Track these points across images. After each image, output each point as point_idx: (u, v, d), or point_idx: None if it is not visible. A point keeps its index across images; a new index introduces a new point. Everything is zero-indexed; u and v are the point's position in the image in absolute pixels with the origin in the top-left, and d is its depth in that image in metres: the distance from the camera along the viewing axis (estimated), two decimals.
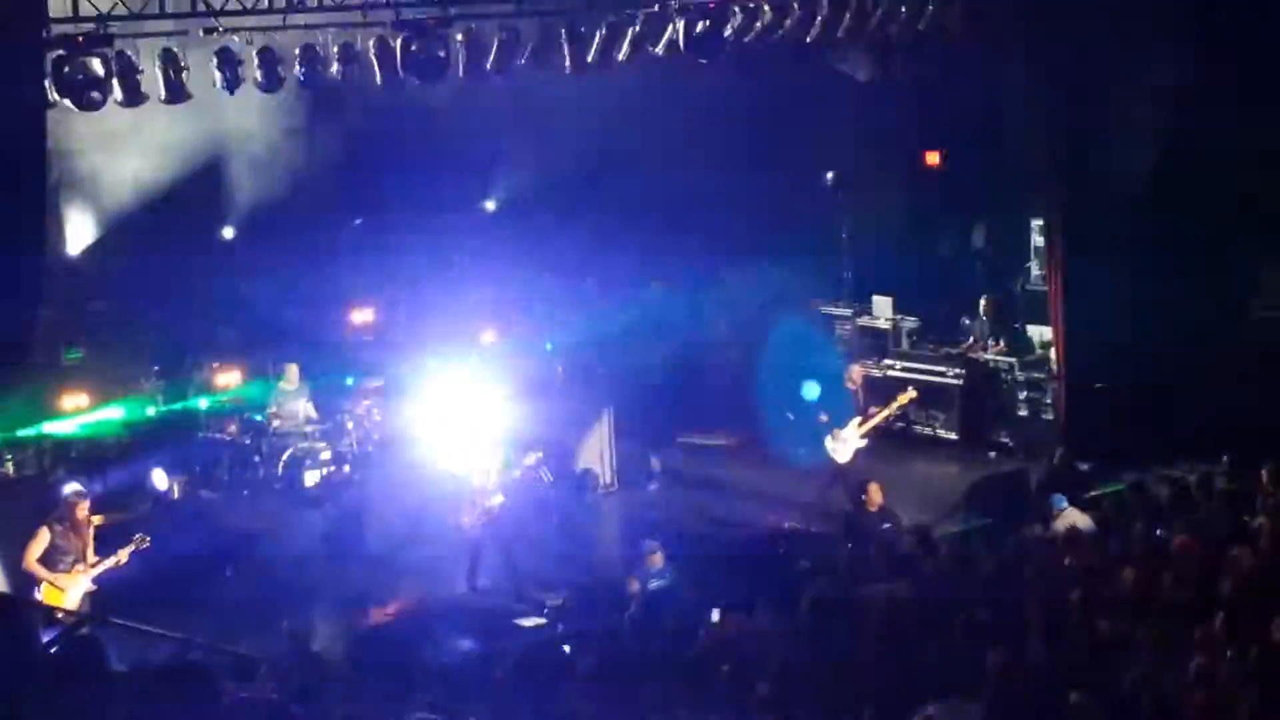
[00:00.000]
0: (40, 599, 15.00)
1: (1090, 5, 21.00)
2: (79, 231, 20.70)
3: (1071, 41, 21.19)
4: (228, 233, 22.67)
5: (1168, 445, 19.91)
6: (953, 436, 22.85)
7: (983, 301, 24.31)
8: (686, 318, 26.28)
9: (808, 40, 20.24)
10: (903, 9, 20.48)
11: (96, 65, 15.62)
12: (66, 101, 15.57)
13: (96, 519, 15.96)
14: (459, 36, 17.76)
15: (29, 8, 14.76)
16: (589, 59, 18.61)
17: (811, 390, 20.43)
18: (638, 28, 18.82)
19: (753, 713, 12.24)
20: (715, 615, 15.40)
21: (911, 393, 20.62)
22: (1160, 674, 12.32)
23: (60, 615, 14.32)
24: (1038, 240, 23.80)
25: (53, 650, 7.40)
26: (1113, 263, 21.67)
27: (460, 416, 19.39)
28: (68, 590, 15.40)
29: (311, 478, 20.00)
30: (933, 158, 26.24)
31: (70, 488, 16.40)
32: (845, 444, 19.74)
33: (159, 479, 19.57)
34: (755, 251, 25.77)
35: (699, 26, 19.05)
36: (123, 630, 14.99)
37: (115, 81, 15.86)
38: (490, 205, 25.61)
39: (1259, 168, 21.03)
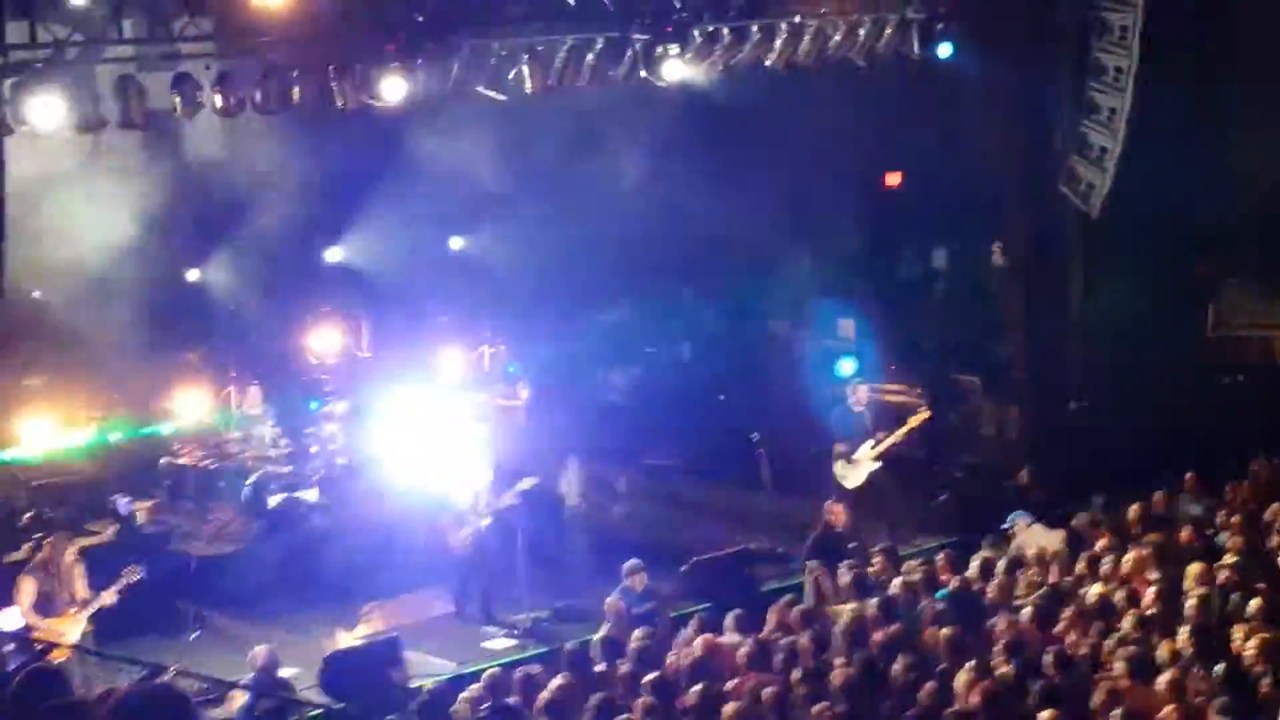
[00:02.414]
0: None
1: (1045, 30, 21.27)
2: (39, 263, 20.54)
3: (1028, 65, 21.42)
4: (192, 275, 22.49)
5: (1131, 464, 20.01)
6: (918, 455, 22.89)
7: None
8: (650, 340, 26.32)
9: (767, 63, 20.35)
10: (861, 32, 20.61)
11: (54, 92, 15.55)
12: (22, 128, 15.48)
13: (71, 550, 15.77)
14: (419, 60, 17.76)
15: None
16: (549, 82, 18.65)
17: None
18: (598, 51, 18.88)
19: None
20: (683, 635, 15.45)
21: (924, 414, 20.30)
22: (1129, 689, 12.42)
23: (26, 643, 14.25)
24: (998, 260, 23.89)
25: (16, 678, 7.35)
26: (1073, 283, 21.83)
27: (430, 439, 19.33)
28: (65, 634, 15.06)
29: (276, 501, 19.94)
30: (893, 179, 26.34)
31: (55, 534, 16.13)
32: (857, 469, 19.60)
33: (124, 505, 19.49)
34: (716, 273, 25.84)
35: (658, 50, 19.15)
36: (90, 657, 14.99)
37: (74, 107, 15.80)
38: (457, 243, 25.51)
39: (1214, 189, 21.25)
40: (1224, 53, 21.10)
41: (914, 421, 19.81)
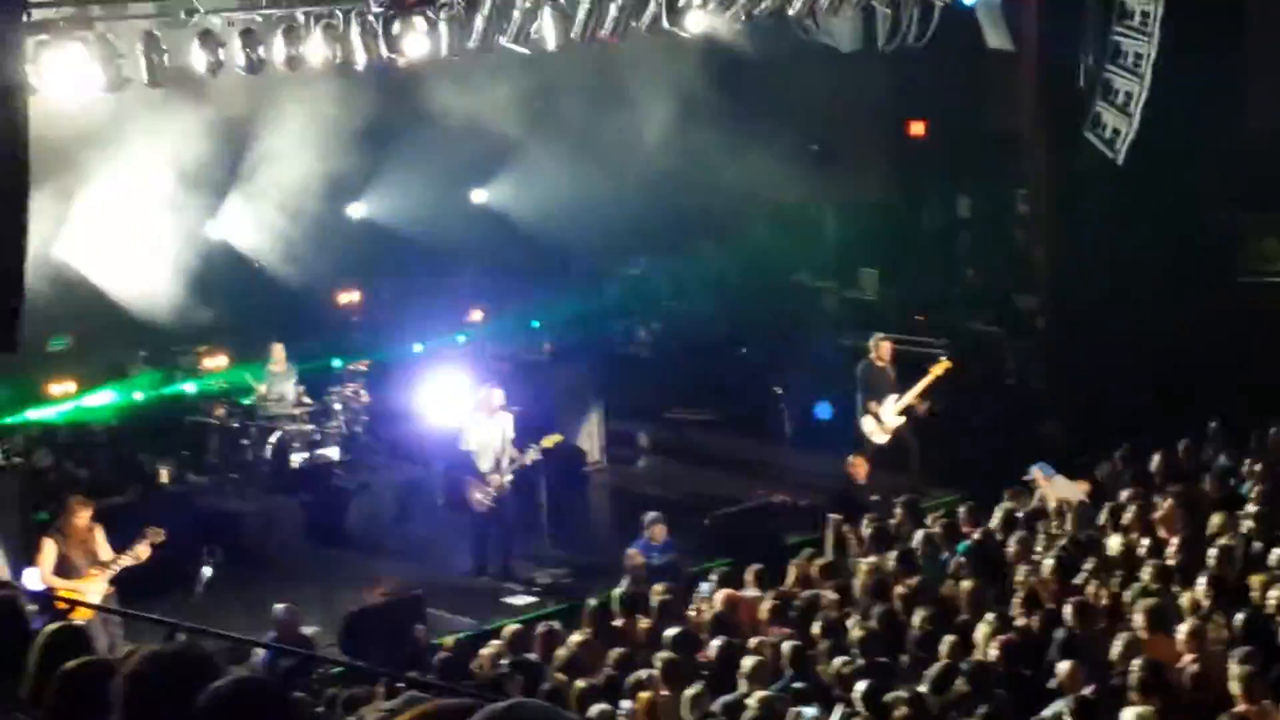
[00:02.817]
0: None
1: None
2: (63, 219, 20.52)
3: (1053, 9, 21.27)
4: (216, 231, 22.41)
5: (1156, 411, 19.93)
6: (941, 407, 22.79)
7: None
8: (671, 293, 26.28)
9: (790, 12, 20.23)
10: None
11: (78, 49, 15.53)
12: (48, 87, 15.46)
13: (87, 513, 15.77)
14: (442, 14, 17.67)
15: None
16: (573, 35, 18.54)
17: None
18: (621, 1, 18.75)
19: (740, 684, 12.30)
20: (704, 588, 15.47)
21: (945, 362, 20.15)
22: (1150, 640, 12.40)
23: (51, 603, 14.28)
24: (1023, 208, 23.77)
25: (38, 639, 7.35)
26: (1098, 230, 21.69)
27: (452, 396, 19.33)
28: (86, 595, 15.09)
29: (300, 460, 19.99)
30: (917, 128, 26.21)
31: (75, 496, 16.14)
32: (883, 423, 19.52)
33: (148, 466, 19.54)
34: (739, 225, 25.76)
35: (681, 1, 19.03)
36: (112, 617, 15.05)
37: (98, 65, 15.78)
38: (479, 196, 25.40)
39: (1241, 133, 21.10)
40: None
41: (936, 372, 19.68)
